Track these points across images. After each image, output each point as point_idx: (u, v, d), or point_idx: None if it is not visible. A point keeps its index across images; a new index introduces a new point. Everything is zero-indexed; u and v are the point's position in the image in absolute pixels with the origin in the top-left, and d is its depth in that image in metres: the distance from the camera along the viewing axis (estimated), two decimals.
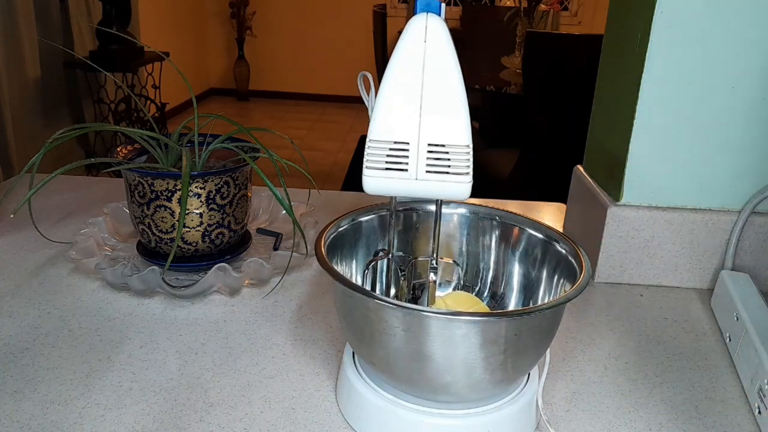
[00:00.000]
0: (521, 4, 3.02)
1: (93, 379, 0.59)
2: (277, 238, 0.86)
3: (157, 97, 3.41)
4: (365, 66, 0.83)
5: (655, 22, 0.70)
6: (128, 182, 0.74)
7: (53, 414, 0.54)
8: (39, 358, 0.62)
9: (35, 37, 2.71)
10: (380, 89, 0.49)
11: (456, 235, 0.63)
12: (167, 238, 0.74)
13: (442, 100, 0.48)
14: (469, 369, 0.48)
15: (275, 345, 0.66)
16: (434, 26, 0.47)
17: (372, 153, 0.49)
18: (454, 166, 0.49)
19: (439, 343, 0.46)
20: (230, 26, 5.37)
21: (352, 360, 0.57)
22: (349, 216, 0.60)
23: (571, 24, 5.06)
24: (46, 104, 2.89)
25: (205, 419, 0.55)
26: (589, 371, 0.64)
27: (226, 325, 0.69)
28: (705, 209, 0.78)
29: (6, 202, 0.95)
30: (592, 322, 0.72)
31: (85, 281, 0.76)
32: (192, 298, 0.73)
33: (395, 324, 0.47)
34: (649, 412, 0.58)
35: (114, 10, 3.04)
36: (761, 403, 0.56)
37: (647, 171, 0.77)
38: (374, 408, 0.52)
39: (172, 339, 0.66)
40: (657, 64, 0.72)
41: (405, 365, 0.49)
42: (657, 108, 0.74)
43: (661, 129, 0.75)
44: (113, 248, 0.82)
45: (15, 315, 0.69)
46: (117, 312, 0.70)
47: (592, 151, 0.89)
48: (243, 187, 0.76)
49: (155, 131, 0.75)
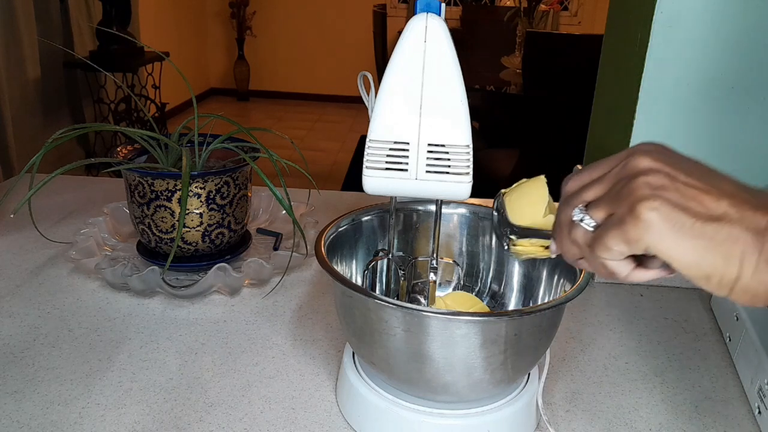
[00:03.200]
0: (521, 4, 3.02)
1: (93, 379, 0.59)
2: (277, 238, 0.86)
3: (157, 97, 3.41)
4: (365, 66, 0.83)
5: (655, 22, 0.70)
6: (128, 182, 0.74)
7: (53, 414, 0.54)
8: (39, 358, 0.62)
9: (35, 37, 2.71)
10: (380, 89, 0.49)
11: (456, 235, 0.63)
12: (167, 238, 0.74)
13: (442, 100, 0.48)
14: (469, 369, 0.48)
15: (275, 345, 0.66)
16: (434, 26, 0.47)
17: (372, 153, 0.49)
18: (454, 166, 0.49)
19: (440, 343, 0.46)
20: (230, 26, 5.37)
21: (352, 360, 0.57)
22: (350, 216, 0.60)
23: (571, 24, 5.05)
24: (46, 104, 2.89)
25: (205, 419, 0.55)
26: (589, 371, 0.64)
27: (226, 325, 0.69)
28: None
29: (6, 202, 0.95)
30: (592, 322, 0.72)
31: (85, 281, 0.76)
32: (192, 298, 0.73)
33: (395, 324, 0.47)
34: (649, 412, 0.58)
35: (114, 10, 3.04)
36: (761, 403, 0.56)
37: None
38: (374, 408, 0.52)
39: (172, 339, 0.66)
40: (657, 64, 0.72)
41: (405, 365, 0.49)
42: (657, 108, 0.74)
43: (661, 129, 0.75)
44: (113, 248, 0.82)
45: (15, 315, 0.69)
46: (117, 312, 0.70)
47: (592, 151, 0.89)
48: (243, 187, 0.76)
49: (155, 131, 0.75)
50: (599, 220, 0.36)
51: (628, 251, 0.34)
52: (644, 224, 0.33)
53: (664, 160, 0.34)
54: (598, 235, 0.36)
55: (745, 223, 0.32)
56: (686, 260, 0.32)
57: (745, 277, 0.32)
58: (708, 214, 0.32)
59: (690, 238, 0.32)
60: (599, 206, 0.36)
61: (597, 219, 0.36)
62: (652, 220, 0.32)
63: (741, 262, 0.31)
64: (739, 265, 0.32)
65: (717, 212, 0.32)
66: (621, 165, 0.36)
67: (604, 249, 0.35)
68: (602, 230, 0.35)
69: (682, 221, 0.32)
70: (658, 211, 0.32)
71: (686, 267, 0.33)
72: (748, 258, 0.31)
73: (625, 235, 0.33)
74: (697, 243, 0.32)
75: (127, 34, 3.04)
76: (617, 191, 0.35)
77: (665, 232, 0.32)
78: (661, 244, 0.33)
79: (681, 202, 0.32)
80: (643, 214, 0.33)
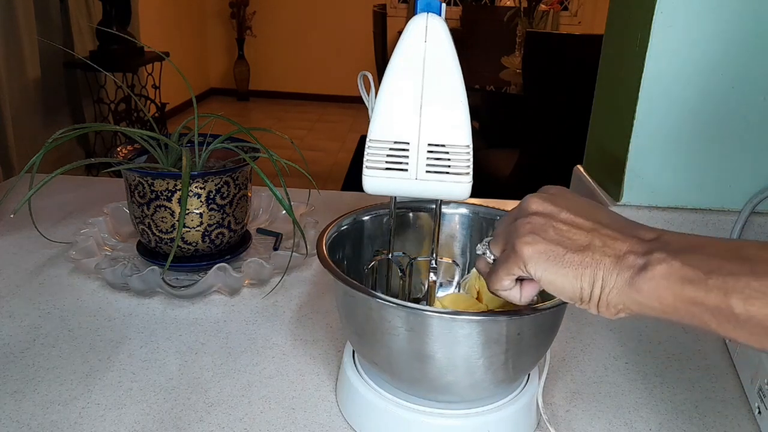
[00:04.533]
0: (521, 4, 3.02)
1: (93, 379, 0.59)
2: (277, 238, 0.86)
3: (157, 97, 3.41)
4: (365, 66, 0.83)
5: (655, 22, 0.70)
6: (128, 182, 0.74)
7: (53, 414, 0.54)
8: (39, 358, 0.62)
9: (35, 37, 2.71)
10: (380, 89, 0.49)
11: (456, 235, 0.63)
12: (167, 238, 0.74)
13: (442, 99, 0.48)
14: (471, 368, 0.48)
15: (275, 345, 0.66)
16: (434, 26, 0.47)
17: (372, 153, 0.49)
18: (454, 166, 0.49)
19: (442, 342, 0.46)
20: (230, 26, 5.37)
21: (352, 360, 0.57)
22: (350, 216, 0.60)
23: (571, 24, 5.06)
24: (46, 104, 2.89)
25: (205, 419, 0.55)
26: (589, 371, 0.64)
27: (226, 325, 0.69)
28: (705, 209, 0.78)
29: (6, 202, 0.95)
30: (592, 322, 0.72)
31: (85, 281, 0.76)
32: (192, 298, 0.73)
33: (398, 324, 0.47)
34: (649, 412, 0.58)
35: (114, 10, 3.04)
36: (761, 403, 0.56)
37: (647, 171, 0.77)
38: (374, 408, 0.52)
39: (172, 339, 0.66)
40: (657, 64, 0.72)
41: (408, 365, 0.49)
42: (657, 108, 0.74)
43: (661, 129, 0.75)
44: (113, 248, 0.82)
45: (15, 315, 0.69)
46: (117, 312, 0.70)
47: (592, 151, 0.89)
48: (243, 187, 0.76)
49: (155, 131, 0.75)
50: (497, 254, 0.44)
51: (512, 282, 0.42)
52: (523, 258, 0.40)
53: (552, 201, 0.41)
54: (492, 272, 0.44)
55: (608, 250, 0.38)
56: (558, 284, 0.39)
57: (605, 294, 0.38)
58: (576, 245, 0.39)
59: (561, 266, 0.39)
60: (496, 242, 0.45)
61: (495, 253, 0.45)
62: (528, 253, 0.40)
63: (603, 282, 0.38)
64: (601, 284, 0.38)
65: (584, 243, 0.39)
66: (518, 208, 0.43)
67: (497, 281, 0.43)
68: (494, 267, 0.44)
69: (555, 252, 0.39)
70: (532, 246, 0.40)
71: (559, 290, 0.40)
72: (607, 278, 0.37)
73: (508, 268, 0.41)
74: (567, 270, 0.39)
75: (127, 34, 3.04)
76: (509, 231, 0.42)
77: (540, 262, 0.39)
78: (538, 273, 0.40)
79: (554, 238, 0.39)
80: (521, 249, 0.40)
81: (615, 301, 0.37)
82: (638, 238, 0.38)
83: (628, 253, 0.37)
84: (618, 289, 0.37)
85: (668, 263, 0.35)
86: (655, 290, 0.35)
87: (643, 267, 0.36)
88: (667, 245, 0.37)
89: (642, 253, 0.37)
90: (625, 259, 0.37)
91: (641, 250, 0.37)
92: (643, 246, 0.37)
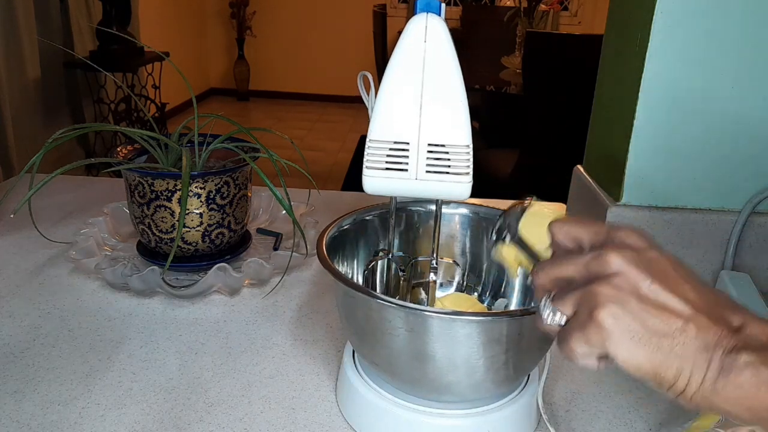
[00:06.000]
0: (521, 4, 3.02)
1: (93, 379, 0.59)
2: (277, 238, 0.86)
3: (157, 97, 3.41)
4: (365, 66, 0.83)
5: (655, 22, 0.70)
6: (128, 182, 0.74)
7: (53, 414, 0.54)
8: (39, 358, 0.62)
9: (35, 37, 2.71)
10: (380, 89, 0.49)
11: (457, 235, 0.63)
12: (167, 238, 0.74)
13: (442, 99, 0.48)
14: (472, 369, 0.48)
15: (275, 345, 0.66)
16: (434, 26, 0.47)
17: (372, 153, 0.49)
18: (454, 166, 0.49)
19: (443, 342, 0.46)
20: (230, 26, 5.37)
21: (352, 360, 0.57)
22: (350, 216, 0.60)
23: (571, 24, 5.06)
24: (46, 104, 2.89)
25: (205, 419, 0.55)
26: (589, 371, 0.63)
27: (226, 325, 0.69)
28: (705, 209, 0.78)
29: (6, 202, 0.95)
30: None
31: (85, 281, 0.76)
32: (192, 298, 0.73)
33: (399, 324, 0.47)
34: (649, 412, 0.58)
35: (114, 10, 3.04)
36: None
37: (647, 171, 0.77)
38: (374, 408, 0.52)
39: (172, 339, 0.66)
40: (657, 64, 0.72)
41: (408, 365, 0.49)
42: (657, 108, 0.74)
43: (661, 129, 0.75)
44: (113, 248, 0.82)
45: (15, 315, 0.69)
46: (117, 312, 0.70)
47: (592, 151, 0.89)
48: (243, 187, 0.76)
49: (155, 131, 0.75)
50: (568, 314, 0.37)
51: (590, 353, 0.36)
52: (604, 331, 0.35)
53: (635, 263, 0.36)
54: (562, 336, 0.37)
55: (698, 342, 0.34)
56: (642, 369, 0.35)
57: (689, 392, 0.34)
58: (663, 329, 0.34)
59: (644, 349, 0.34)
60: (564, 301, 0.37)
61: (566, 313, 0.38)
62: (612, 327, 0.35)
63: (688, 379, 0.34)
64: (687, 381, 0.34)
65: (672, 328, 0.34)
66: (592, 256, 0.37)
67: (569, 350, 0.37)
68: (566, 332, 0.37)
69: (639, 332, 0.34)
70: (616, 320, 0.35)
71: (642, 374, 0.35)
72: (694, 376, 0.34)
73: (587, 339, 0.36)
74: (652, 355, 0.34)
75: (127, 34, 3.04)
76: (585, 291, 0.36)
77: (622, 340, 0.35)
78: (618, 351, 0.35)
79: (640, 314, 0.34)
80: (603, 320, 0.35)
81: (698, 400, 0.34)
82: (727, 324, 0.35)
83: (717, 347, 0.34)
84: (705, 391, 0.34)
85: (755, 368, 0.33)
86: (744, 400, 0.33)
87: (729, 369, 0.33)
88: (753, 340, 0.34)
89: (729, 349, 0.34)
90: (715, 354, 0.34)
91: (729, 345, 0.34)
92: (730, 340, 0.34)
